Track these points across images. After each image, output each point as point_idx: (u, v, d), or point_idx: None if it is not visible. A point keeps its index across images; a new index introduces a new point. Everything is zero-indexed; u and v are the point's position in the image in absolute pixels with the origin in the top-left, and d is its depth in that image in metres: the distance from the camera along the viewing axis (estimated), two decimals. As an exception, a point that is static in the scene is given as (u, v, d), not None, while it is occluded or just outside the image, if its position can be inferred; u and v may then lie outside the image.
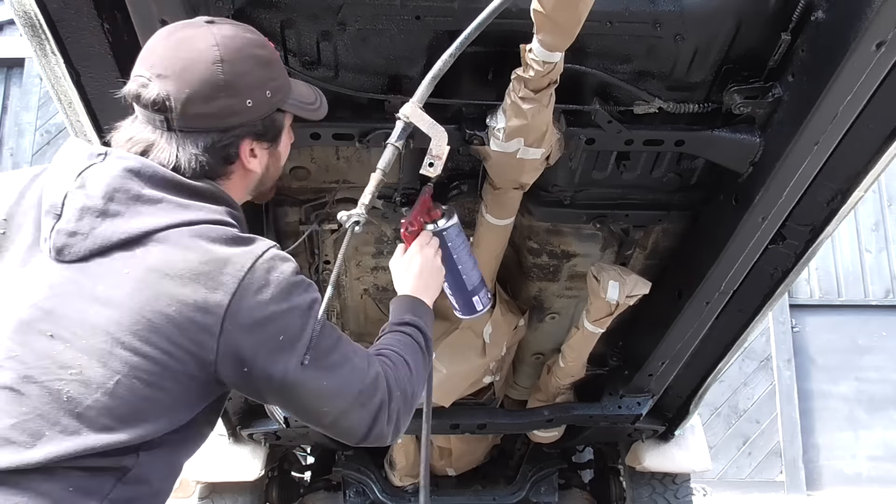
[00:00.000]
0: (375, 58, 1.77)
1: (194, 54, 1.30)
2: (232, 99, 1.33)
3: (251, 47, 1.36)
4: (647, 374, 2.77)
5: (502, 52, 1.72)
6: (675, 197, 2.24)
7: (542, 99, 1.67)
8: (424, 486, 1.89)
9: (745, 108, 1.80)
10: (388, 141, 1.40)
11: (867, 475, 7.58)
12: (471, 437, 3.61)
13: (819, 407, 7.71)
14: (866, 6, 1.43)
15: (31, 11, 1.50)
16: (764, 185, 1.85)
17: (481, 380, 2.88)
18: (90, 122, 1.72)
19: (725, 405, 7.59)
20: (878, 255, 7.93)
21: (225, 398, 1.42)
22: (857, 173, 1.88)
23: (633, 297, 2.36)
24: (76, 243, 1.24)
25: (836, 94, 1.58)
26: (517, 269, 2.64)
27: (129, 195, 1.26)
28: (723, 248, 2.07)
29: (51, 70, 1.62)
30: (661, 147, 1.96)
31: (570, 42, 1.51)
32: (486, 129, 1.83)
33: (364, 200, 1.40)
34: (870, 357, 7.76)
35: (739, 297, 2.36)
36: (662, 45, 1.74)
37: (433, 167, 1.41)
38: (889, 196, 8.03)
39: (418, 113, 1.40)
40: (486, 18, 1.32)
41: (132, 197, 1.26)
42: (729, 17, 1.68)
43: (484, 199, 2.18)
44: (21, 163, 7.50)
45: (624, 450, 3.74)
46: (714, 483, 7.32)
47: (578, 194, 2.22)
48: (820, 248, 2.17)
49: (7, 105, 7.71)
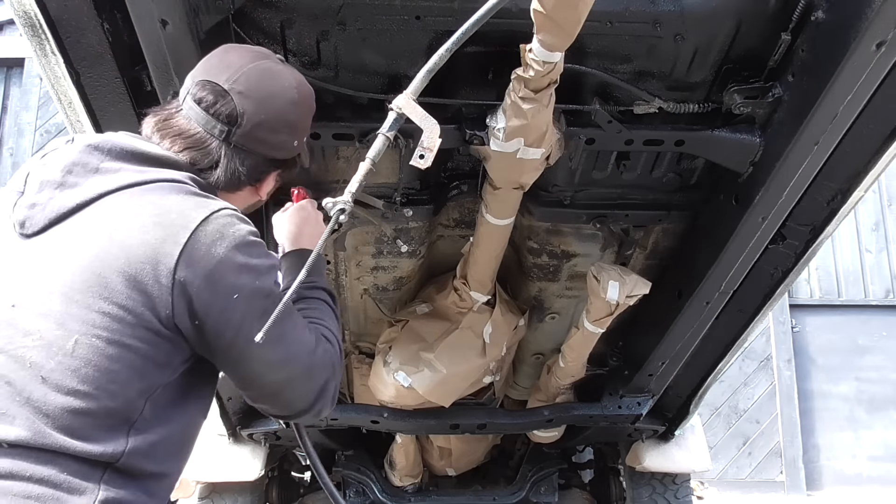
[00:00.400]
0: (375, 58, 1.77)
1: (278, 89, 1.46)
2: (289, 137, 1.50)
3: (311, 99, 1.56)
4: (647, 374, 2.77)
5: (502, 52, 1.72)
6: (675, 197, 2.24)
7: (542, 99, 1.67)
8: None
9: (745, 108, 1.80)
10: (380, 131, 1.39)
11: (867, 475, 7.58)
12: (471, 437, 3.61)
13: (819, 407, 7.70)
14: (866, 6, 1.43)
15: (31, 11, 1.50)
16: (764, 185, 1.85)
17: (481, 380, 2.88)
18: (90, 122, 1.72)
19: (725, 405, 7.58)
20: (878, 255, 7.92)
21: (211, 367, 1.39)
22: (857, 173, 1.88)
23: (633, 297, 2.36)
24: (35, 215, 1.28)
25: (836, 94, 1.58)
26: (517, 269, 2.64)
27: (87, 168, 1.30)
28: (723, 248, 2.07)
29: (51, 70, 1.62)
30: (661, 147, 1.96)
31: (570, 42, 1.51)
32: (486, 129, 1.83)
33: (351, 188, 1.38)
34: (870, 357, 7.76)
35: (739, 297, 2.36)
36: (662, 45, 1.74)
37: (423, 159, 1.40)
38: (889, 196, 8.02)
39: (411, 104, 1.39)
40: (484, 14, 1.31)
41: (90, 169, 1.30)
42: (729, 17, 1.68)
43: (484, 199, 2.18)
44: (21, 163, 7.49)
45: (624, 450, 3.74)
46: (714, 483, 7.32)
47: (578, 194, 2.22)
48: (820, 248, 2.16)
49: (7, 105, 7.70)
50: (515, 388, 3.32)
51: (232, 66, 1.43)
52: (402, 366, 2.71)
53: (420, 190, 2.22)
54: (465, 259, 2.56)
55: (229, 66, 1.43)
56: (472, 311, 2.67)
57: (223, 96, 1.40)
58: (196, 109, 1.41)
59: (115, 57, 1.61)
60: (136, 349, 1.22)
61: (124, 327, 1.21)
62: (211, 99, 1.40)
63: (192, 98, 1.41)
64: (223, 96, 1.40)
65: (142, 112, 1.49)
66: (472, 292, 2.59)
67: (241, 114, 1.40)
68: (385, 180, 2.15)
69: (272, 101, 1.44)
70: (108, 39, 1.58)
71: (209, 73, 1.42)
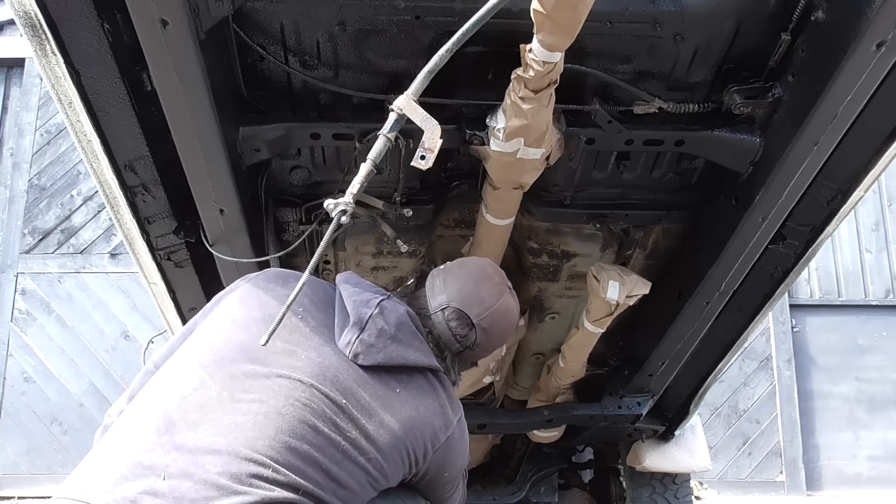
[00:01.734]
0: (376, 58, 1.77)
1: (508, 325, 1.81)
2: (492, 352, 1.89)
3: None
4: (647, 374, 2.77)
5: (502, 52, 1.72)
6: (675, 197, 2.24)
7: (542, 99, 1.67)
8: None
9: (745, 108, 1.79)
10: (380, 132, 1.39)
11: (867, 475, 7.58)
12: (471, 437, 3.60)
13: (819, 407, 7.70)
14: (866, 6, 1.43)
15: (31, 11, 1.49)
16: (764, 185, 1.85)
17: (481, 380, 2.88)
18: (90, 122, 1.72)
19: (725, 405, 7.58)
20: (878, 255, 7.92)
21: None
22: (857, 173, 1.88)
23: (633, 297, 2.36)
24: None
25: (836, 94, 1.58)
26: (517, 269, 2.64)
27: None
28: (723, 248, 2.07)
29: (51, 70, 1.61)
30: (661, 147, 1.96)
31: (571, 42, 1.51)
32: (486, 129, 1.83)
33: (352, 190, 1.39)
34: (870, 357, 7.76)
35: (739, 297, 2.36)
36: (662, 45, 1.74)
37: (425, 160, 1.40)
38: (889, 196, 8.02)
39: (412, 105, 1.39)
40: (484, 15, 1.31)
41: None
42: (729, 17, 1.67)
43: (484, 199, 2.18)
44: (21, 163, 7.50)
45: (624, 450, 3.74)
46: (714, 483, 7.32)
47: (578, 194, 2.22)
48: (820, 248, 2.17)
49: (7, 105, 7.70)
50: (515, 388, 3.32)
51: (483, 304, 1.75)
52: (402, 366, 2.71)
53: (420, 190, 2.22)
54: (465, 259, 2.55)
55: (481, 302, 1.75)
56: (472, 311, 2.66)
57: (471, 328, 1.74)
58: (444, 327, 1.73)
59: (115, 57, 1.61)
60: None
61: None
62: (461, 331, 1.74)
63: (446, 321, 1.73)
64: (471, 328, 1.74)
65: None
66: (472, 292, 2.59)
67: (477, 344, 1.76)
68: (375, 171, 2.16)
69: (501, 334, 1.81)
70: (108, 39, 1.58)
71: (464, 302, 1.74)
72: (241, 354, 1.52)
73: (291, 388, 1.47)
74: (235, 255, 2.05)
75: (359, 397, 1.52)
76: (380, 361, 1.57)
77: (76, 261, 7.36)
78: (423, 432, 1.59)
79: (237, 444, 1.37)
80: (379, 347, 1.58)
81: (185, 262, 2.21)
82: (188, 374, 1.51)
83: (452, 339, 1.74)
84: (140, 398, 1.54)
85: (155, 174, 1.91)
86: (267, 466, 1.36)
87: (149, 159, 1.86)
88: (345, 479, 1.44)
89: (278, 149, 1.93)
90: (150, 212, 2.02)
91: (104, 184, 1.91)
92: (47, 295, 7.28)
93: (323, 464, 1.42)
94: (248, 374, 1.49)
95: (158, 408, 1.45)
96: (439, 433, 1.62)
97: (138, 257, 2.19)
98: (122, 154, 1.83)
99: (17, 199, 7.45)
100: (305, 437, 1.42)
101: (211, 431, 1.39)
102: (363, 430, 1.49)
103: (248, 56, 1.77)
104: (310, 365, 1.52)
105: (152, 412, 1.45)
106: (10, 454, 7.00)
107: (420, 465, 1.61)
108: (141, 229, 2.05)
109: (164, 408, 1.44)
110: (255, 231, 2.05)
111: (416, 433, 1.57)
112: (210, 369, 1.50)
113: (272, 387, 1.47)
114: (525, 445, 3.96)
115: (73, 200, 7.46)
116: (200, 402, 1.44)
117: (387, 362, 1.58)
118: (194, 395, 1.45)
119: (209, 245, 2.05)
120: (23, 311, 7.24)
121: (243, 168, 1.91)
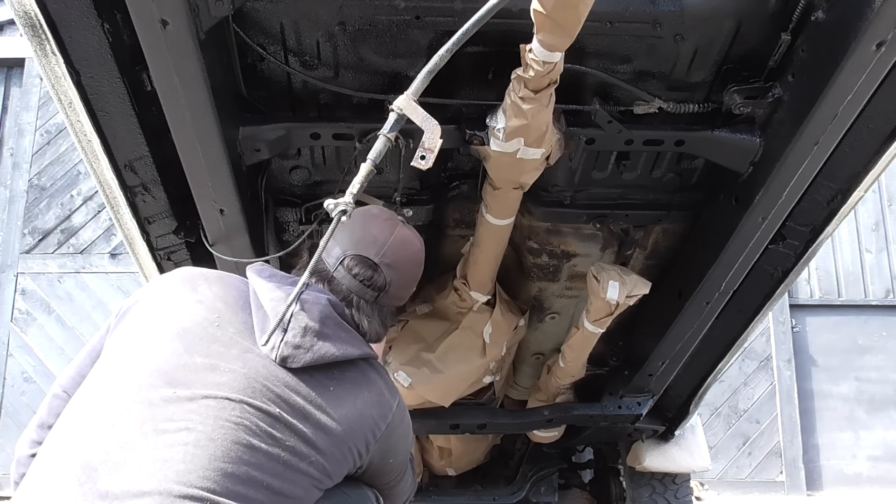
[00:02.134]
0: (376, 57, 1.76)
1: (412, 255, 1.75)
2: (412, 290, 1.80)
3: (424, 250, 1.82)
4: (647, 374, 2.77)
5: (502, 52, 1.72)
6: (675, 197, 2.24)
7: (542, 99, 1.67)
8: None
9: (745, 108, 1.79)
10: (381, 132, 1.39)
11: (867, 475, 7.58)
12: (471, 437, 3.61)
13: (819, 407, 7.70)
14: (866, 6, 1.43)
15: (31, 11, 1.49)
16: (764, 185, 1.85)
17: (481, 380, 2.88)
18: (90, 122, 1.72)
19: (725, 405, 7.58)
20: (878, 255, 7.92)
21: None
22: (857, 173, 1.88)
23: (633, 297, 2.36)
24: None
25: (836, 94, 1.58)
26: (517, 269, 2.64)
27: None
28: (723, 248, 2.07)
29: (51, 70, 1.61)
30: (661, 147, 1.96)
31: (571, 42, 1.51)
32: (486, 129, 1.83)
33: (352, 190, 1.39)
34: (870, 357, 7.76)
35: (739, 297, 2.36)
36: (662, 45, 1.74)
37: (425, 160, 1.41)
38: (889, 196, 8.02)
39: (412, 105, 1.39)
40: (484, 15, 1.31)
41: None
42: (729, 17, 1.67)
43: (484, 199, 2.18)
44: (21, 163, 7.50)
45: (624, 450, 3.74)
46: (714, 483, 7.32)
47: (578, 194, 2.22)
48: (820, 248, 2.16)
49: (7, 105, 7.70)
50: (515, 388, 3.31)
51: (378, 241, 1.68)
52: (402, 366, 2.71)
53: (420, 190, 2.22)
54: (465, 259, 2.55)
55: (375, 240, 1.68)
56: (472, 311, 2.66)
57: (375, 270, 1.66)
58: (349, 278, 1.65)
59: (115, 57, 1.61)
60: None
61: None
62: (367, 274, 1.66)
63: (348, 270, 1.65)
64: (375, 270, 1.66)
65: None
66: (472, 292, 2.59)
67: (390, 283, 1.68)
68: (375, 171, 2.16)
69: (409, 266, 1.74)
70: (108, 39, 1.58)
71: (358, 246, 1.67)
72: (158, 378, 1.40)
73: (220, 409, 1.37)
74: (235, 255, 2.05)
75: (292, 403, 1.44)
76: (309, 362, 1.49)
77: (76, 261, 7.36)
78: (363, 425, 1.53)
79: (168, 482, 1.27)
80: (306, 347, 1.49)
81: (185, 262, 2.21)
82: (103, 409, 1.38)
83: (361, 286, 1.65)
84: (53, 440, 1.40)
85: (155, 174, 1.91)
86: (203, 501, 1.27)
87: (149, 159, 1.86)
88: (289, 490, 1.39)
89: (278, 149, 1.93)
90: (150, 212, 2.02)
91: (104, 184, 1.91)
92: (47, 295, 7.29)
93: (265, 481, 1.35)
94: (170, 400, 1.37)
95: (75, 453, 1.32)
96: (379, 422, 1.57)
97: (138, 257, 2.19)
98: (122, 154, 1.83)
99: (17, 199, 7.46)
100: (242, 459, 1.34)
101: (137, 472, 1.28)
102: (301, 435, 1.42)
103: (248, 56, 1.77)
104: (235, 379, 1.42)
105: (69, 459, 1.32)
106: (10, 454, 7.00)
107: (364, 458, 1.56)
108: (141, 229, 2.05)
109: (82, 452, 1.32)
110: (255, 231, 2.05)
111: (355, 428, 1.51)
112: (126, 400, 1.38)
113: (198, 410, 1.36)
114: (525, 445, 3.95)
115: (73, 200, 7.46)
116: (121, 439, 1.32)
117: (317, 361, 1.49)
118: (113, 433, 1.33)
119: (209, 245, 2.05)
120: (23, 311, 7.24)
121: (243, 168, 1.91)
